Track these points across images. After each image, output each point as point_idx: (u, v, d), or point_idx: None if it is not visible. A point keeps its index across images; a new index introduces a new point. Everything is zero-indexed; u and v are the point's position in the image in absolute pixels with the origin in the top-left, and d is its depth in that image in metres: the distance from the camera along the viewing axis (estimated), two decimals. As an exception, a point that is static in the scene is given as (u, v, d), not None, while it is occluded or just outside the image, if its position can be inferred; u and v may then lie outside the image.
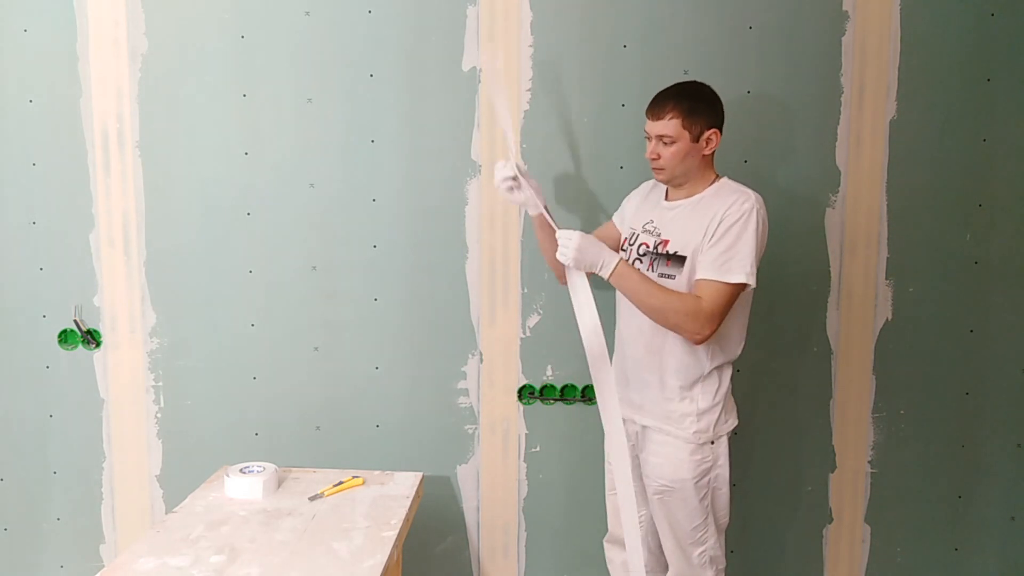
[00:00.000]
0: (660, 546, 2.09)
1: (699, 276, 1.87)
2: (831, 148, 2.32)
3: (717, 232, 1.86)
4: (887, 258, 2.36)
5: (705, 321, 1.84)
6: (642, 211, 2.08)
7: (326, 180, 2.38)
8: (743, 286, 1.86)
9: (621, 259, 1.88)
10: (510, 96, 2.07)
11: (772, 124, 2.31)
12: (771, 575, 2.49)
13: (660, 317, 1.87)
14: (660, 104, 1.92)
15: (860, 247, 2.36)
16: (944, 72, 2.30)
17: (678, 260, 1.91)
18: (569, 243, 1.87)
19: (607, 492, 2.19)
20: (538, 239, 2.15)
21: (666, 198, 2.02)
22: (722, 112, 1.93)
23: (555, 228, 1.94)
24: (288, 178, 2.38)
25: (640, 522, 2.08)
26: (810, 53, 2.29)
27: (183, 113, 2.36)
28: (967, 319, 2.39)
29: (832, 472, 2.45)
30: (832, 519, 2.47)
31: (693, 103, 1.90)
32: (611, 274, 1.87)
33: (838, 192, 2.34)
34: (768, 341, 2.35)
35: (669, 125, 1.89)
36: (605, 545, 2.24)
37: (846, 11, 2.28)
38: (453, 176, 2.36)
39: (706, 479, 1.96)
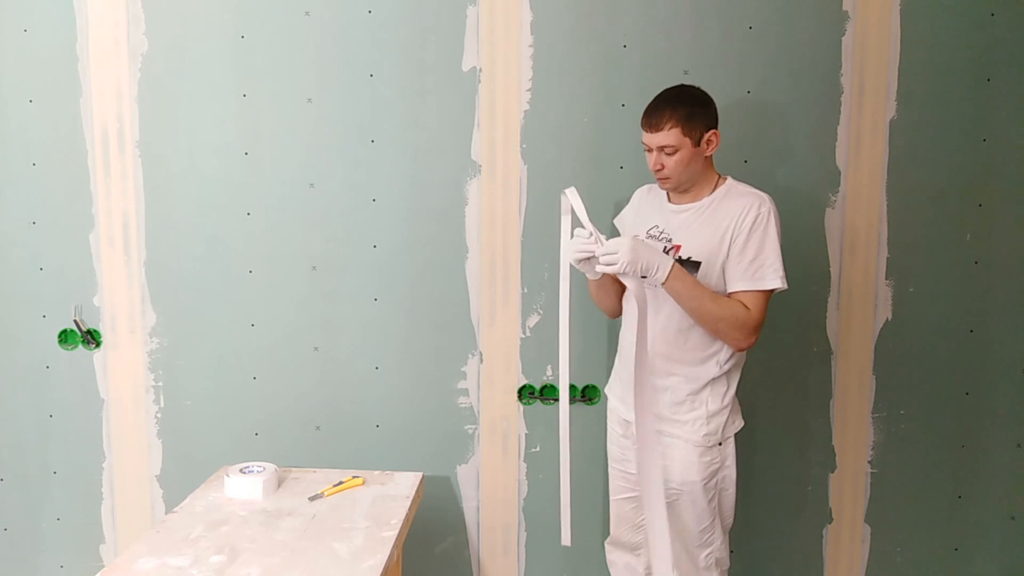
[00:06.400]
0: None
1: (734, 288, 1.88)
2: (831, 148, 2.32)
3: (738, 241, 1.86)
4: (887, 258, 2.36)
5: (752, 330, 1.87)
6: (644, 216, 2.06)
7: (326, 180, 2.38)
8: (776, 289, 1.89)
9: (675, 262, 1.83)
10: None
11: (772, 124, 2.31)
12: (771, 575, 2.49)
13: (710, 323, 1.87)
14: (656, 115, 1.88)
15: (860, 247, 2.36)
16: (944, 72, 2.30)
17: (692, 266, 1.90)
18: (621, 248, 1.76)
19: (612, 496, 2.18)
20: (591, 291, 2.12)
21: (669, 200, 2.01)
22: (716, 111, 1.93)
23: (601, 241, 1.82)
24: (288, 178, 2.38)
25: (642, 526, 2.08)
26: (810, 53, 2.29)
27: (183, 113, 2.36)
28: (967, 319, 2.39)
29: (832, 472, 2.45)
30: (832, 519, 2.46)
31: (689, 108, 1.87)
32: (667, 278, 1.81)
33: (838, 192, 2.34)
34: (768, 341, 2.34)
35: (669, 135, 1.86)
36: (607, 547, 2.23)
37: (846, 11, 2.28)
38: (453, 176, 2.36)
39: (714, 480, 1.97)
